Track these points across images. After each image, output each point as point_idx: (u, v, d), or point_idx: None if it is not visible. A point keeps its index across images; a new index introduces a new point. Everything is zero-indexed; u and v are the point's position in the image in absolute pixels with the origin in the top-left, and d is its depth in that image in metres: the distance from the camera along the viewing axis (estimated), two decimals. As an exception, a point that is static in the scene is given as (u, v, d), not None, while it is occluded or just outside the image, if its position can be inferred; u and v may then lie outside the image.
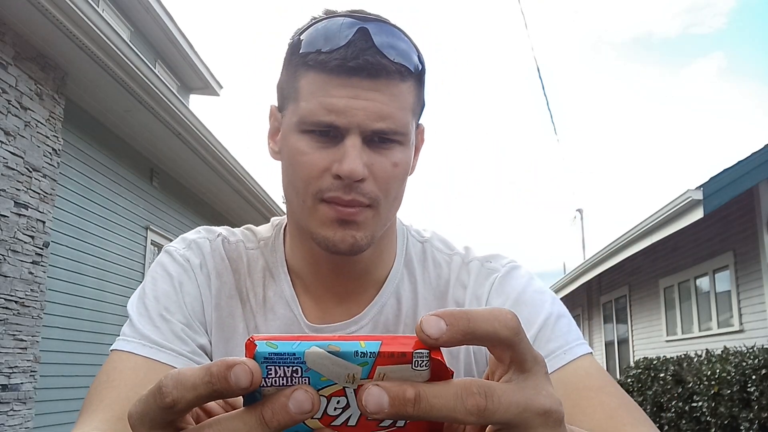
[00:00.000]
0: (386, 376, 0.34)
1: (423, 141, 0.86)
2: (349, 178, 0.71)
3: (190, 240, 0.86)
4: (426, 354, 0.34)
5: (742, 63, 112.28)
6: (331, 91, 0.71)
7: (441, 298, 0.84)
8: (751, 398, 5.91)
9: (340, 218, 0.73)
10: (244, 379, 0.32)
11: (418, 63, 0.76)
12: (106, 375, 0.73)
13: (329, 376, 0.34)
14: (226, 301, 0.82)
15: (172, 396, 0.33)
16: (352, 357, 0.34)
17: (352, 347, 0.34)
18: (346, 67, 0.71)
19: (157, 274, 0.82)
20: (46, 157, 5.26)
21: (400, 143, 0.75)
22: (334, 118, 0.71)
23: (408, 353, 0.34)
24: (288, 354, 0.33)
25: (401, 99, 0.74)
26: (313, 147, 0.73)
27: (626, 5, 77.04)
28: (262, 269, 0.84)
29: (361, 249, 0.75)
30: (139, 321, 0.77)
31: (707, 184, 7.15)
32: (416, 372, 0.34)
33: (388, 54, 0.72)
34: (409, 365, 0.34)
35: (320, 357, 0.33)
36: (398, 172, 0.75)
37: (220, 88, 11.74)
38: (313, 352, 0.33)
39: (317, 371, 0.34)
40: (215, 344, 0.81)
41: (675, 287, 10.06)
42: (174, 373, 0.33)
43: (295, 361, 0.33)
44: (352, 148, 0.71)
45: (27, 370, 5.02)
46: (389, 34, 0.73)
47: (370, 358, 0.34)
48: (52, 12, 4.64)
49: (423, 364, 0.34)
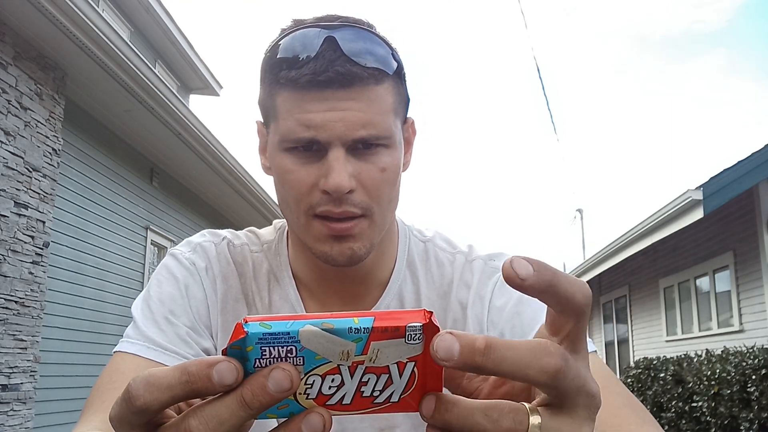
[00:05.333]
0: (380, 351, 0.34)
1: (415, 133, 0.85)
2: (336, 192, 0.71)
3: (196, 243, 0.86)
4: (419, 327, 0.34)
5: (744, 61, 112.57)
6: (306, 106, 0.71)
7: (444, 297, 0.83)
8: (751, 398, 5.91)
9: (333, 235, 0.73)
10: (229, 376, 0.32)
11: (393, 62, 0.75)
12: (109, 376, 0.73)
13: (324, 354, 0.34)
14: (232, 305, 0.82)
15: (143, 399, 0.32)
16: (346, 333, 0.33)
17: (345, 324, 0.33)
18: (317, 81, 0.70)
19: (162, 277, 0.81)
20: (46, 157, 5.26)
21: (385, 146, 0.74)
22: (314, 134, 0.71)
23: (401, 327, 0.34)
24: (282, 333, 0.33)
25: (379, 103, 0.73)
26: (298, 164, 0.73)
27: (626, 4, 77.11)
28: (267, 273, 0.84)
29: (360, 259, 0.75)
30: (144, 323, 0.77)
31: (707, 184, 7.16)
32: (409, 345, 0.34)
33: (359, 60, 0.71)
34: (402, 339, 0.34)
35: (314, 335, 0.33)
36: (387, 177, 0.74)
37: (220, 88, 11.74)
38: (307, 330, 0.33)
39: (312, 350, 0.33)
40: (221, 347, 0.81)
41: (675, 287, 10.06)
42: (144, 376, 0.33)
43: (290, 340, 0.33)
44: (335, 162, 0.71)
45: (27, 370, 5.02)
46: (358, 39, 0.72)
47: (364, 334, 0.33)
48: (52, 12, 4.64)
49: (416, 337, 0.34)
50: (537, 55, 39.07)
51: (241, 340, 0.33)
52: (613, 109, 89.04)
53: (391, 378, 0.35)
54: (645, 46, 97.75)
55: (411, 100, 0.82)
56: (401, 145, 0.79)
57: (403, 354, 0.34)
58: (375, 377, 0.35)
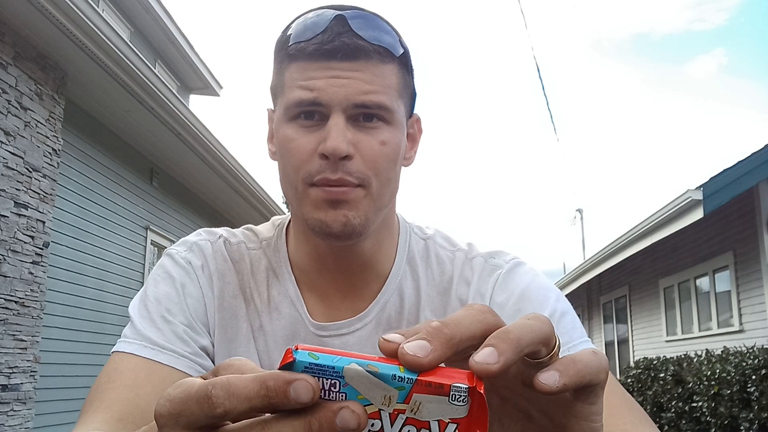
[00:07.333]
0: (422, 404, 0.34)
1: (421, 131, 0.86)
2: (333, 155, 0.71)
3: (192, 242, 0.86)
4: (464, 389, 0.34)
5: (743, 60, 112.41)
6: (311, 74, 0.73)
7: (444, 294, 0.83)
8: (751, 398, 5.91)
9: (329, 199, 0.73)
10: (305, 395, 0.32)
11: (399, 47, 0.76)
12: (107, 376, 0.73)
13: (366, 395, 0.34)
14: (229, 302, 0.82)
15: (224, 407, 0.32)
16: (390, 380, 0.34)
17: (390, 370, 0.34)
18: (323, 50, 0.72)
19: (158, 277, 0.82)
20: (46, 157, 5.26)
21: (386, 122, 0.75)
22: (315, 95, 0.72)
23: (446, 386, 0.34)
24: (327, 366, 0.34)
25: (384, 78, 0.74)
26: (300, 132, 0.74)
27: (626, 2, 77.09)
28: (266, 269, 0.84)
29: (354, 230, 0.74)
30: (141, 322, 0.77)
31: (707, 184, 7.15)
32: (453, 406, 0.34)
33: (365, 36, 0.73)
34: (446, 398, 0.34)
35: (358, 374, 0.34)
36: (387, 151, 0.75)
37: (220, 88, 11.74)
38: (351, 368, 0.33)
39: (355, 388, 0.34)
40: (218, 345, 0.81)
41: (675, 287, 10.06)
42: (223, 383, 0.33)
43: (334, 374, 0.34)
44: (334, 126, 0.72)
45: (27, 370, 5.02)
46: (367, 20, 0.74)
47: (408, 384, 0.34)
48: (52, 12, 4.64)
49: (461, 399, 0.34)
50: (537, 55, 39.07)
51: (289, 364, 0.34)
52: (613, 108, 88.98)
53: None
54: (646, 45, 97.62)
55: (417, 95, 0.82)
56: (403, 128, 0.79)
57: (446, 413, 0.34)
58: (415, 430, 0.34)
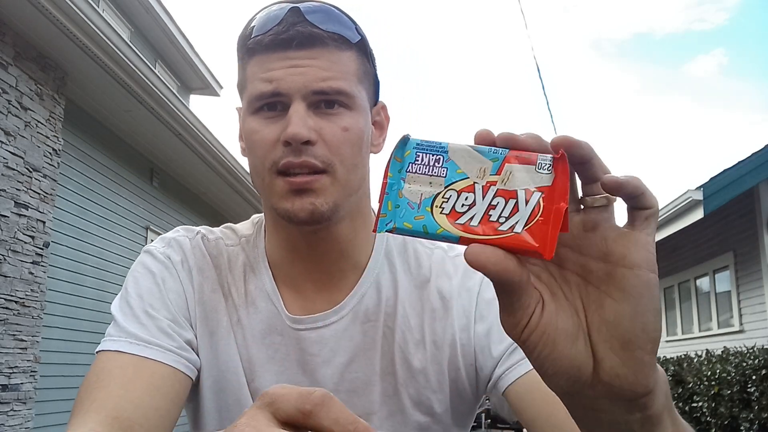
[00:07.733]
0: (512, 174, 0.39)
1: (388, 119, 0.87)
2: (295, 140, 0.72)
3: (170, 238, 0.87)
4: (549, 158, 0.38)
5: (743, 60, 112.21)
6: (270, 65, 0.74)
7: (421, 288, 0.83)
8: (751, 398, 5.91)
9: (294, 189, 0.74)
10: None
11: (356, 34, 0.78)
12: (96, 375, 0.73)
13: (464, 168, 0.39)
14: (209, 296, 0.83)
15: None
16: (486, 152, 0.39)
17: (487, 147, 0.40)
18: (278, 40, 0.73)
19: (138, 273, 0.82)
20: (46, 157, 5.26)
21: (347, 107, 0.76)
22: (275, 86, 0.74)
23: (534, 155, 0.39)
24: (435, 143, 0.40)
25: (342, 65, 0.75)
26: (263, 123, 0.76)
27: (626, 2, 77.08)
28: (243, 265, 0.85)
29: (323, 216, 0.75)
30: (124, 320, 0.77)
31: (707, 184, 7.16)
32: (539, 174, 0.38)
33: (320, 25, 0.74)
34: (533, 167, 0.38)
35: (460, 149, 0.40)
36: (349, 137, 0.75)
37: (220, 88, 11.74)
38: (455, 143, 0.40)
39: (455, 162, 0.40)
40: (200, 338, 0.81)
41: (675, 287, 10.07)
42: None
43: (440, 149, 0.40)
44: (295, 114, 0.73)
45: (27, 370, 5.02)
46: (322, 10, 0.76)
47: (501, 155, 0.39)
48: (52, 12, 4.64)
49: (546, 167, 0.38)
50: (537, 55, 39.04)
51: (402, 143, 0.41)
52: (613, 108, 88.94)
53: (517, 205, 0.38)
54: (646, 45, 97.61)
55: (381, 83, 0.84)
56: (367, 114, 0.80)
57: (533, 182, 0.38)
58: (504, 201, 0.39)
